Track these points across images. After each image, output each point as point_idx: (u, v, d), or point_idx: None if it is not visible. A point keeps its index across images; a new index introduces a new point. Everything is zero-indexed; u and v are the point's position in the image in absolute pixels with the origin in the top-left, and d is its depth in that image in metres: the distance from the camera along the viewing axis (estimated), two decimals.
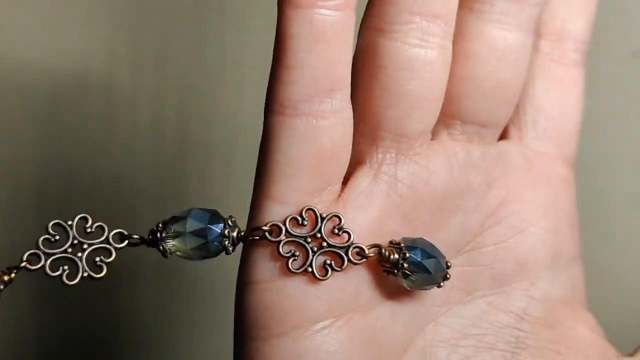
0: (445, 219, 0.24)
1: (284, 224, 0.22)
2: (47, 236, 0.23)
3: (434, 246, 0.23)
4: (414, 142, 0.23)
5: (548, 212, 0.26)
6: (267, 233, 0.22)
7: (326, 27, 0.21)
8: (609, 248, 0.40)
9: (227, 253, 0.22)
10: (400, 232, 0.23)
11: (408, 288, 0.23)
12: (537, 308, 0.25)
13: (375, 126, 0.23)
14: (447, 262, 0.23)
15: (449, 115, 0.24)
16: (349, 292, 0.22)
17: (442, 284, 0.23)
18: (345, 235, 0.22)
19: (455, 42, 0.23)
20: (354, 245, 0.22)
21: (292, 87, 0.21)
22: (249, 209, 0.23)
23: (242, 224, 0.23)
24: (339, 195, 0.23)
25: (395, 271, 0.22)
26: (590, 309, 0.27)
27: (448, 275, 0.23)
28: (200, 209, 0.22)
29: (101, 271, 0.23)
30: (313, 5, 0.21)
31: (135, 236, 0.23)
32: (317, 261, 0.22)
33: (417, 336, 0.24)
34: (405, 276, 0.22)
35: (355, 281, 0.23)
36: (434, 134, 0.24)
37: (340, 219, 0.22)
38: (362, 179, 0.23)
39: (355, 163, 0.23)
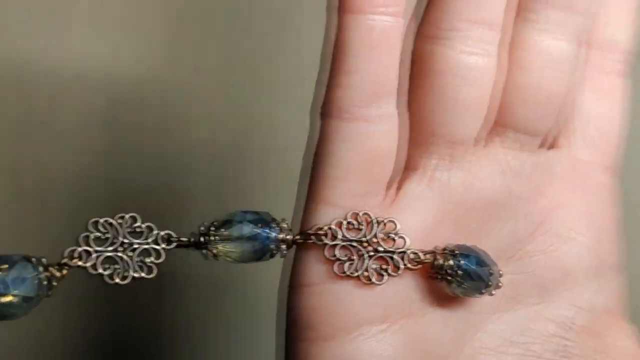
0: (494, 226, 0.24)
1: (340, 227, 0.22)
2: (97, 234, 0.22)
3: (487, 254, 0.23)
4: (467, 149, 0.23)
5: (594, 221, 0.25)
6: (322, 236, 0.22)
7: (384, 33, 0.21)
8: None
9: (282, 257, 0.22)
10: (450, 238, 0.23)
11: (459, 295, 0.23)
12: (582, 317, 0.25)
13: (429, 132, 0.23)
14: (499, 271, 0.23)
15: (501, 124, 0.24)
16: (403, 298, 0.22)
17: (493, 292, 0.23)
18: (401, 240, 0.22)
19: (509, 51, 0.23)
20: (410, 251, 0.22)
21: (350, 92, 0.21)
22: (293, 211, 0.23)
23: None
24: (392, 200, 0.23)
25: (449, 278, 0.22)
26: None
27: (500, 284, 0.23)
28: (253, 211, 0.22)
29: (151, 272, 0.23)
30: (373, 12, 0.21)
31: (183, 238, 0.23)
32: (371, 266, 0.22)
33: (466, 344, 0.24)
34: (458, 283, 0.22)
35: (408, 287, 0.22)
36: (486, 141, 0.24)
37: (395, 224, 0.22)
38: (415, 184, 0.23)
39: (407, 169, 0.23)
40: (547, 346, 0.24)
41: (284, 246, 0.22)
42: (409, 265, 0.22)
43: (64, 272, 0.22)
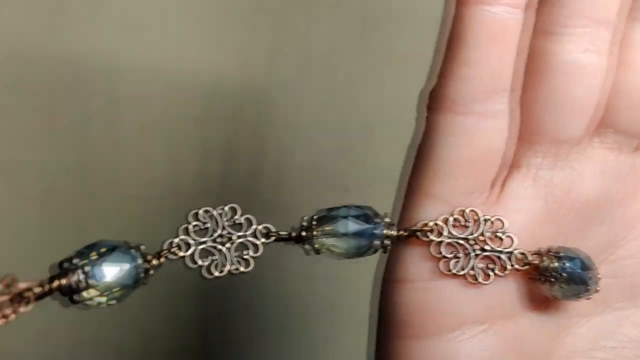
0: (590, 228, 0.24)
1: (446, 223, 0.21)
2: (196, 223, 0.22)
3: (589, 258, 0.22)
4: (570, 148, 0.23)
5: None
6: (428, 232, 0.21)
7: (505, 26, 0.21)
8: None
9: (384, 252, 0.22)
10: (550, 238, 0.23)
11: (558, 298, 0.22)
12: None
13: (535, 130, 0.22)
14: (598, 275, 0.23)
15: (603, 124, 0.24)
16: (504, 298, 0.22)
17: (590, 296, 0.22)
18: (508, 240, 0.21)
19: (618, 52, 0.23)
20: (518, 251, 0.21)
21: (466, 85, 0.21)
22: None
23: None
24: (497, 198, 0.22)
25: (552, 280, 0.22)
26: None
27: (598, 288, 0.23)
28: (356, 206, 0.22)
29: (248, 265, 0.22)
30: (496, 3, 0.20)
31: (282, 232, 0.22)
32: (478, 265, 0.21)
33: (558, 346, 0.23)
34: (560, 286, 0.22)
35: (510, 287, 0.22)
36: (586, 141, 0.24)
37: (503, 223, 0.22)
38: (520, 182, 0.22)
39: (511, 166, 0.23)
40: (637, 352, 0.24)
41: (388, 242, 0.21)
42: (515, 266, 0.21)
43: (161, 261, 0.22)
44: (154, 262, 0.22)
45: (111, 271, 0.21)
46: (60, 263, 0.21)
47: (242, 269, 0.22)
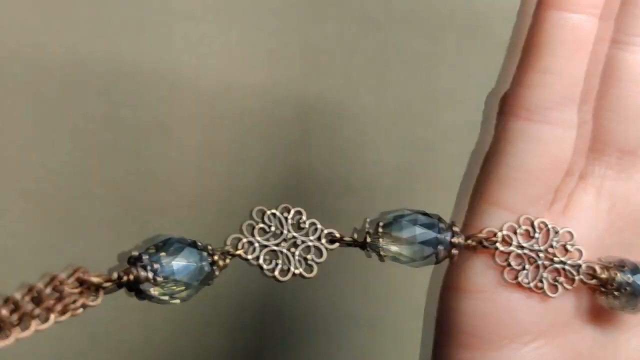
0: None
1: (515, 233, 0.21)
2: (262, 225, 0.22)
3: None
4: (634, 160, 0.22)
5: None
6: (496, 241, 0.21)
7: (586, 34, 0.21)
8: None
9: (451, 261, 0.22)
10: (611, 249, 0.22)
11: (617, 310, 0.22)
12: None
13: (602, 140, 0.22)
14: None
15: None
16: (567, 311, 0.22)
17: None
18: (576, 252, 0.21)
19: None
20: (586, 264, 0.21)
21: (541, 92, 0.21)
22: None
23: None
24: (563, 208, 0.22)
25: (615, 293, 0.21)
26: None
27: None
28: (424, 213, 0.22)
29: (312, 271, 0.22)
30: (578, 10, 0.20)
31: (346, 238, 0.22)
32: (545, 276, 0.21)
33: (615, 358, 0.23)
34: (622, 299, 0.21)
35: (573, 299, 0.22)
36: None
37: (572, 235, 0.21)
38: (586, 193, 0.22)
39: (577, 177, 0.22)
40: None
41: (455, 251, 0.21)
42: (583, 279, 0.21)
43: (227, 261, 0.22)
44: (221, 262, 0.22)
45: (179, 269, 0.22)
46: (129, 258, 0.22)
47: (306, 274, 0.22)
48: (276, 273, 0.22)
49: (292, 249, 0.22)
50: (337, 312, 0.42)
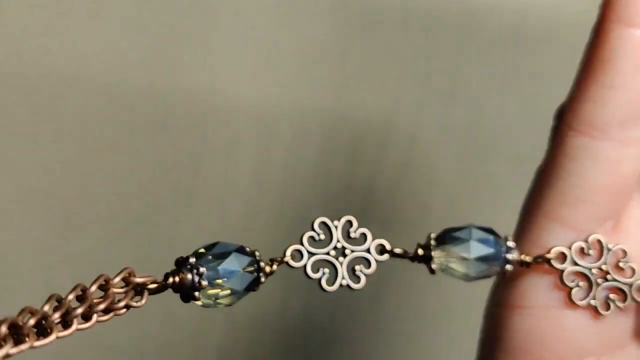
0: None
1: (571, 251, 0.21)
2: (312, 234, 0.22)
3: None
4: None
5: None
6: (558, 260, 0.21)
7: None
8: None
9: (504, 277, 0.21)
10: None
11: None
12: None
13: None
14: None
15: None
16: (619, 328, 0.21)
17: None
18: (629, 270, 0.21)
19: None
20: (638, 282, 0.21)
21: (607, 109, 0.20)
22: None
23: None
24: (615, 225, 0.22)
25: None
26: None
27: None
28: (480, 227, 0.21)
29: (359, 282, 0.22)
30: None
31: (397, 250, 0.22)
32: (600, 295, 0.21)
33: None
34: None
35: (627, 319, 0.21)
36: None
37: (625, 253, 0.21)
38: (636, 209, 0.22)
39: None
40: None
41: (508, 266, 0.21)
42: (636, 297, 0.21)
43: (274, 267, 0.21)
44: (267, 269, 0.21)
45: (224, 274, 0.21)
46: (176, 260, 0.21)
47: (353, 285, 0.22)
48: (323, 282, 0.21)
49: (341, 259, 0.22)
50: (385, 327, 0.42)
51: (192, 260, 0.21)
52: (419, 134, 0.39)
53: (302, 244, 0.22)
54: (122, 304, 0.20)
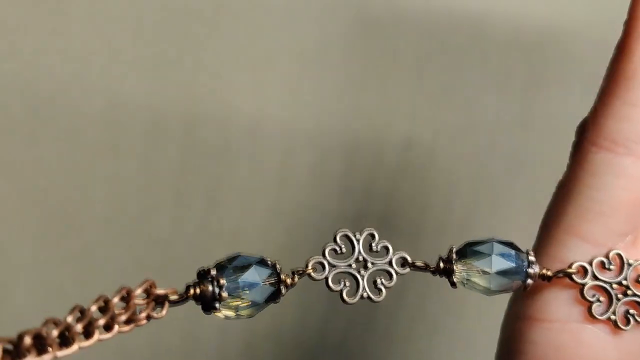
0: None
1: (592, 266, 0.21)
2: (334, 246, 0.22)
3: None
4: None
5: None
6: (579, 275, 0.21)
7: None
8: None
9: (525, 291, 0.21)
10: None
11: None
12: None
13: None
14: None
15: None
16: (637, 343, 0.21)
17: None
18: None
19: None
20: None
21: (630, 126, 0.20)
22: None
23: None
24: (633, 239, 0.22)
25: None
26: None
27: None
28: (501, 242, 0.22)
29: (380, 295, 0.22)
30: None
31: (418, 263, 0.22)
32: (620, 310, 0.21)
33: None
34: None
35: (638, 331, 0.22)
36: None
37: None
38: None
39: None
40: None
41: (530, 280, 0.21)
42: None
43: (295, 281, 0.21)
44: (288, 280, 0.21)
45: (244, 286, 0.21)
46: (198, 272, 0.21)
47: (374, 297, 0.22)
48: (344, 294, 0.21)
49: (362, 271, 0.22)
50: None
51: (213, 272, 0.21)
52: (421, 138, 0.40)
53: (324, 256, 0.22)
54: (143, 315, 0.20)
